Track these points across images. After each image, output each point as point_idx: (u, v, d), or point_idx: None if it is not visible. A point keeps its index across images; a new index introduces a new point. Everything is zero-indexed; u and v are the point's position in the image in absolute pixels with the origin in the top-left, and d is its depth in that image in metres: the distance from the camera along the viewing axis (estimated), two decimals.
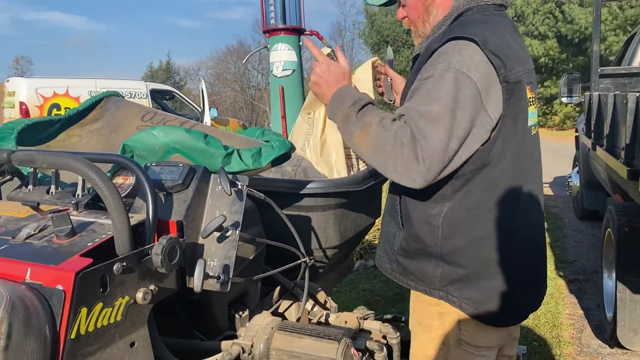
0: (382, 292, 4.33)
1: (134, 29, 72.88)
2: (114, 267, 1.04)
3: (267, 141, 1.49)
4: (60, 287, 0.97)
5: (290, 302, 1.79)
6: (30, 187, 1.43)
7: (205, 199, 1.29)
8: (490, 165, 1.39)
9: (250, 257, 1.56)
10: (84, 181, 1.37)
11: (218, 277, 1.21)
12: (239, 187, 1.26)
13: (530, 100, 1.49)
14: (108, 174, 1.38)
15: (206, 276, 1.18)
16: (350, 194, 1.76)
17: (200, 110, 11.31)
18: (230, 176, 1.28)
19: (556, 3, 22.09)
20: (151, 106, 11.24)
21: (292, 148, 1.49)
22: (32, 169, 1.43)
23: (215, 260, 1.24)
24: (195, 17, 74.08)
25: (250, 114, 35.89)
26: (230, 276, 1.23)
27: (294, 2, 5.68)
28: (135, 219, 1.19)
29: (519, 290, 1.48)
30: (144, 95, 11.24)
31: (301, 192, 1.68)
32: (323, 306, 1.83)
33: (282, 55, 5.53)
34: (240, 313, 1.56)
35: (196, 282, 1.13)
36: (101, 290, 1.02)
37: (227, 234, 1.23)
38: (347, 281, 4.58)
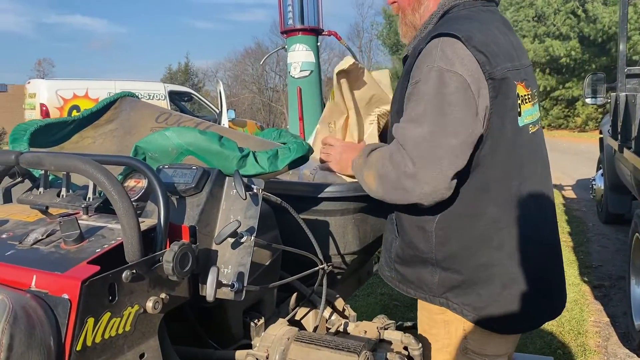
0: (400, 297, 4.25)
1: (154, 31, 73.66)
2: (123, 275, 0.99)
3: (284, 143, 1.43)
4: (65, 296, 0.92)
5: (308, 309, 1.73)
6: (41, 189, 1.39)
7: (219, 203, 1.23)
8: (480, 166, 1.35)
9: (266, 263, 1.50)
10: (94, 184, 1.33)
11: (232, 286, 1.16)
12: (255, 191, 1.21)
13: (527, 97, 1.44)
14: (119, 177, 1.34)
15: (219, 284, 1.13)
16: (369, 197, 1.69)
17: (218, 111, 11.32)
18: (245, 179, 1.23)
19: (579, 1, 21.76)
20: (169, 107, 11.29)
21: (310, 150, 1.43)
22: (42, 171, 1.39)
23: (230, 267, 1.19)
24: (214, 19, 74.63)
25: (267, 116, 35.96)
26: (245, 284, 1.17)
27: (312, 3, 5.64)
28: (146, 223, 1.14)
29: (523, 296, 1.42)
30: (162, 96, 11.29)
31: (319, 195, 1.62)
32: (341, 314, 1.76)
33: (299, 56, 5.48)
34: (256, 321, 1.50)
35: (208, 291, 1.08)
36: (109, 299, 0.97)
37: (242, 240, 1.18)
38: (366, 285, 4.51)
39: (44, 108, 10.10)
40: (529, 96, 1.45)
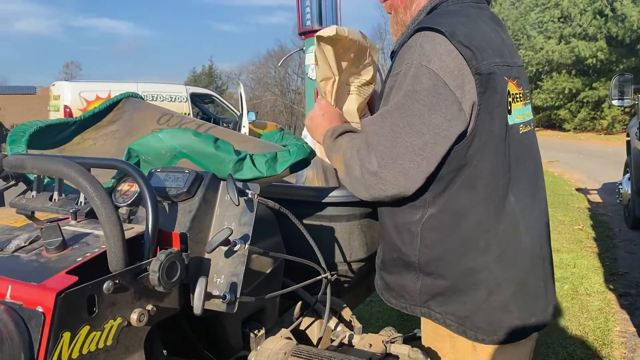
0: None
1: (179, 34, 74.51)
2: (104, 286, 0.93)
3: (285, 145, 1.36)
4: (40, 308, 0.86)
5: (313, 319, 1.66)
6: (34, 193, 1.35)
7: (213, 209, 1.17)
8: (467, 165, 1.28)
9: (267, 271, 1.43)
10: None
11: (224, 297, 1.09)
12: (249, 196, 1.14)
13: (518, 96, 1.37)
14: (112, 180, 1.28)
15: (209, 296, 1.07)
16: (376, 202, 1.62)
17: (239, 113, 11.33)
18: (240, 184, 1.16)
19: (607, 0, 21.31)
20: (191, 110, 11.35)
21: (312, 153, 1.36)
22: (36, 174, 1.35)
23: (222, 277, 1.12)
24: (238, 22, 75.23)
25: (289, 118, 36.05)
26: (238, 295, 1.11)
27: (330, 3, 5.57)
28: (134, 230, 1.09)
29: (509, 303, 1.34)
30: (184, 99, 11.34)
31: (324, 200, 1.54)
32: (348, 324, 1.69)
33: None
34: (256, 332, 1.43)
35: (196, 304, 1.01)
36: (88, 311, 0.91)
37: (235, 249, 1.11)
38: (376, 293, 4.41)
39: (68, 110, 10.22)
40: (521, 95, 1.40)
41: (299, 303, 1.66)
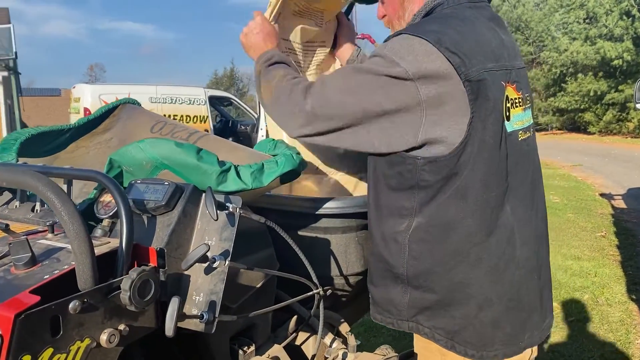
0: None
1: (201, 37, 75.16)
2: (70, 306, 0.89)
3: (274, 155, 1.31)
4: None
5: (308, 334, 1.61)
6: (17, 203, 1.32)
7: (193, 223, 1.12)
8: (458, 174, 1.21)
9: (257, 286, 1.38)
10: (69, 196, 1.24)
11: (201, 316, 1.04)
12: (231, 209, 1.09)
13: (517, 101, 1.31)
14: (94, 192, 1.24)
15: (183, 317, 1.02)
16: None
17: (256, 116, 11.34)
18: (222, 197, 1.11)
19: (635, 0, 20.84)
20: (209, 112, 11.38)
21: (302, 164, 1.30)
22: None
23: (201, 295, 1.07)
24: None
25: None
26: (217, 315, 1.05)
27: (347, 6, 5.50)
28: (109, 245, 1.05)
29: (500, 319, 1.28)
30: (202, 101, 11.39)
31: (318, 212, 1.49)
32: (345, 340, 1.63)
33: None
34: (245, 348, 1.38)
35: (167, 325, 0.96)
36: (52, 333, 0.87)
37: (215, 265, 1.06)
38: None
39: (87, 112, 10.32)
40: (520, 100, 1.33)
41: (294, 317, 1.60)
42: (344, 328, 1.68)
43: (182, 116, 11.10)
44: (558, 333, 3.70)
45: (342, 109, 1.24)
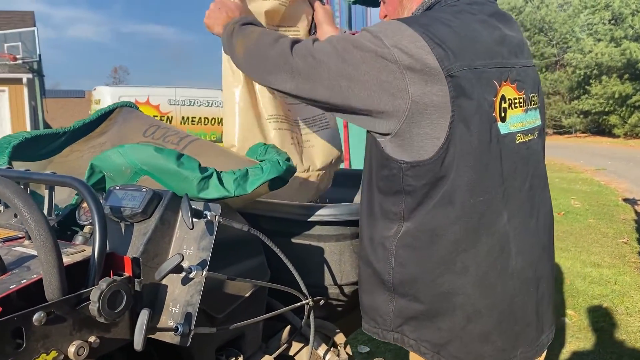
0: None
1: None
2: (34, 317, 0.86)
3: (262, 161, 1.27)
4: None
5: (302, 344, 1.56)
6: (1, 208, 1.30)
7: (172, 231, 1.09)
8: (445, 178, 1.16)
9: (246, 295, 1.34)
10: (50, 204, 1.22)
11: (176, 329, 1.00)
12: (209, 217, 1.05)
13: (517, 101, 1.24)
14: (76, 198, 1.22)
15: (158, 329, 0.98)
16: None
17: None
18: (200, 205, 1.08)
19: None
20: None
21: (289, 170, 1.26)
22: None
23: (178, 306, 1.04)
24: None
25: None
26: (192, 327, 1.02)
27: (361, 8, 5.46)
28: (83, 254, 1.02)
29: (490, 332, 1.21)
30: (220, 103, 11.42)
31: (310, 219, 1.44)
32: (340, 351, 1.58)
33: None
34: (233, 359, 1.35)
35: (136, 338, 0.93)
36: (14, 346, 0.84)
37: (191, 276, 1.02)
38: None
39: None
40: (521, 100, 1.26)
41: (288, 327, 1.56)
42: (340, 339, 1.63)
43: (200, 118, 11.15)
44: (574, 343, 3.59)
45: (327, 72, 1.19)
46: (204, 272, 1.03)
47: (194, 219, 1.03)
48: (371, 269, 1.29)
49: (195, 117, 11.07)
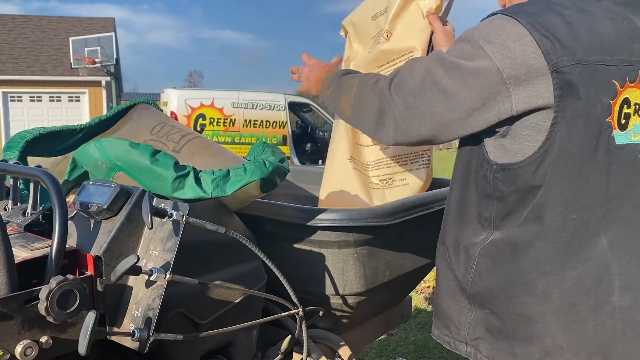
0: None
1: (296, 44, 76.95)
2: None
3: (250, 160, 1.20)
4: None
5: (302, 356, 1.48)
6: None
7: (141, 230, 1.03)
8: (536, 188, 1.01)
9: (236, 301, 1.27)
10: (35, 197, 1.20)
11: (133, 334, 0.95)
12: (175, 217, 0.99)
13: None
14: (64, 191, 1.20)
15: (99, 332, 0.93)
16: (381, 228, 1.40)
17: (333, 122, 11.31)
18: (169, 204, 1.02)
19: None
20: (289, 118, 11.50)
21: (278, 172, 1.18)
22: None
23: (140, 310, 0.98)
24: None
25: None
26: (151, 333, 0.96)
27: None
28: (43, 250, 0.98)
29: None
30: (282, 107, 11.51)
31: (310, 223, 1.35)
32: None
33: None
34: None
35: (80, 342, 0.87)
36: None
37: (152, 278, 0.96)
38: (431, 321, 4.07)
39: (174, 115, 10.77)
40: None
41: (288, 337, 1.48)
42: (345, 352, 1.53)
43: (262, 121, 11.27)
44: None
45: (430, 114, 1.11)
46: (167, 275, 0.97)
47: (158, 219, 0.98)
48: (452, 274, 1.18)
49: (257, 121, 11.20)
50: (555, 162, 0.99)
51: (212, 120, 10.97)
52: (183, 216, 0.99)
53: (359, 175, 1.67)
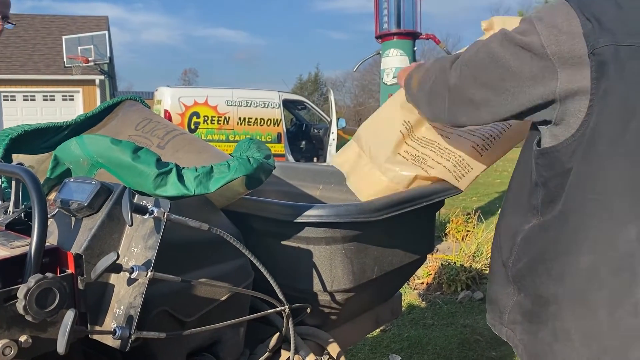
0: (485, 332, 3.77)
1: (290, 42, 76.85)
2: None
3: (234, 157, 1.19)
4: None
5: (291, 353, 1.47)
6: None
7: (122, 227, 1.02)
8: (571, 171, 1.00)
9: (222, 298, 1.26)
10: (17, 196, 1.19)
11: (114, 332, 0.94)
12: (156, 214, 0.98)
13: None
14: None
15: (79, 331, 0.92)
16: (368, 224, 1.39)
17: (329, 120, 11.29)
18: (150, 201, 1.00)
19: None
20: (283, 115, 11.48)
21: (263, 168, 1.17)
22: None
23: (121, 308, 0.97)
24: (347, 30, 75.99)
25: None
26: (133, 331, 0.95)
27: (410, 5, 5.30)
28: (22, 248, 0.97)
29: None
30: (276, 105, 11.48)
31: (297, 219, 1.34)
32: None
33: (393, 61, 5.18)
34: None
35: (59, 341, 0.86)
36: None
37: (133, 276, 0.95)
38: (447, 314, 4.08)
39: (167, 113, 10.73)
40: None
41: (277, 334, 1.47)
42: (334, 349, 1.53)
43: (256, 119, 11.25)
44: None
45: (482, 82, 1.13)
46: (149, 273, 0.96)
47: (139, 216, 0.96)
48: (500, 260, 1.20)
49: (251, 118, 11.18)
50: (586, 144, 0.98)
51: (206, 118, 10.95)
52: (164, 213, 0.98)
53: (399, 138, 1.65)
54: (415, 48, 5.25)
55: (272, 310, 1.26)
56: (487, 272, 4.73)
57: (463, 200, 8.23)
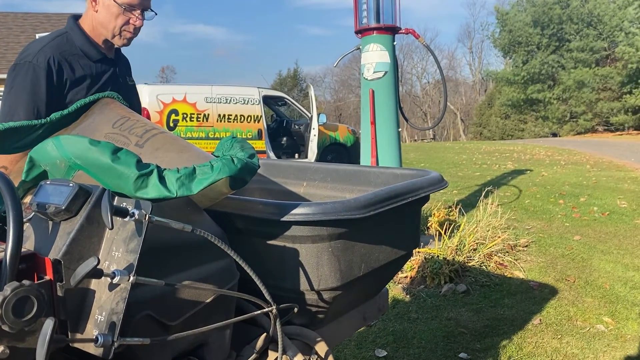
0: (469, 324, 3.79)
1: (270, 39, 76.40)
2: None
3: (218, 157, 1.15)
4: None
5: (279, 354, 1.44)
6: None
7: (102, 231, 0.98)
8: None
9: (207, 300, 1.23)
10: None
11: (96, 340, 0.90)
12: (137, 217, 0.94)
13: None
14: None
15: (60, 340, 0.88)
16: (353, 221, 1.37)
17: (310, 116, 11.25)
18: (131, 203, 0.97)
19: None
20: (263, 112, 11.40)
21: (247, 169, 1.14)
22: None
23: (103, 314, 0.94)
24: (325, 25, 75.82)
25: None
26: (116, 338, 0.91)
27: (389, 0, 5.28)
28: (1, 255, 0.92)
29: None
30: (256, 101, 11.40)
31: (283, 218, 1.32)
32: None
33: (373, 56, 5.15)
34: None
35: (38, 351, 0.82)
36: None
37: (115, 281, 0.92)
38: (431, 308, 4.09)
39: (145, 111, 10.57)
40: None
41: (264, 335, 1.45)
42: (321, 348, 1.50)
43: (236, 116, 11.15)
44: (609, 352, 3.33)
45: None
46: (131, 278, 0.92)
47: (120, 219, 0.93)
48: None
49: (231, 115, 11.09)
50: None
51: (185, 115, 10.82)
52: (146, 215, 0.94)
53: None
54: (394, 42, 5.23)
55: (259, 312, 1.23)
56: (470, 264, 4.76)
57: (444, 193, 8.27)
